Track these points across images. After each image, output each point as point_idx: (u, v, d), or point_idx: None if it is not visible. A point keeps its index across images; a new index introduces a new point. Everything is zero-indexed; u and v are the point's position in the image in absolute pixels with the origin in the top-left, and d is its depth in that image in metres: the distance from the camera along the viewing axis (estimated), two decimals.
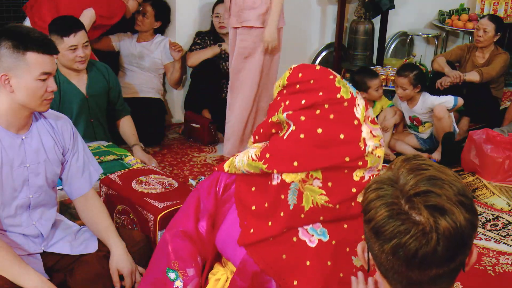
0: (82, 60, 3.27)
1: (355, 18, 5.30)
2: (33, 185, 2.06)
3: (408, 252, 1.08)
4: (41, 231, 2.13)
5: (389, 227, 1.09)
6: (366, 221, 1.15)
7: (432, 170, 1.13)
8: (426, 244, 1.07)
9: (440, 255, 1.09)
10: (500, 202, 3.60)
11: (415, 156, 1.19)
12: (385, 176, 1.17)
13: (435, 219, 1.07)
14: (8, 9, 4.02)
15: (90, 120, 3.43)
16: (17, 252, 2.02)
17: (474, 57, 4.90)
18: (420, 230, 1.07)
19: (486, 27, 4.72)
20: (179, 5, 4.48)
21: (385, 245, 1.11)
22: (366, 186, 1.20)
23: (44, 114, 2.12)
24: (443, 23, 5.97)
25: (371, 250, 1.17)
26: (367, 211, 1.14)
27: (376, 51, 5.57)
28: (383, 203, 1.12)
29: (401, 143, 4.33)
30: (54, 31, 3.23)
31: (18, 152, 2.00)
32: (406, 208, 1.09)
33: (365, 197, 1.17)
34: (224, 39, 4.42)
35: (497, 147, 3.78)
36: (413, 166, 1.14)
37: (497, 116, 4.65)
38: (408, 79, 4.12)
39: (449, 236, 1.07)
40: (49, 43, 1.97)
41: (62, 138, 2.14)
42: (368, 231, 1.15)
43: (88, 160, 2.25)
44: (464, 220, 1.08)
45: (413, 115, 4.29)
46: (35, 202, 2.08)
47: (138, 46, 4.37)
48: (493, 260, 2.97)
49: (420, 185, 1.10)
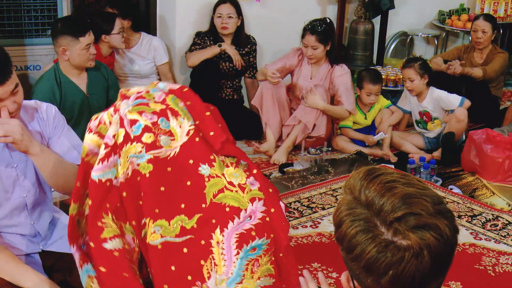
0: (94, 57, 3.38)
1: (355, 18, 5.31)
2: (25, 184, 2.04)
3: (407, 279, 1.09)
4: (39, 230, 2.12)
5: (381, 261, 1.09)
6: (353, 259, 1.13)
7: (400, 186, 1.12)
8: (421, 264, 1.08)
9: (435, 270, 1.10)
10: (500, 202, 3.60)
11: (370, 170, 1.17)
12: (352, 201, 1.15)
13: (422, 238, 1.07)
14: (9, 9, 4.02)
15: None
16: (14, 252, 2.00)
17: (472, 58, 4.90)
18: (412, 254, 1.07)
19: (485, 28, 4.74)
20: (179, 5, 4.48)
21: (381, 279, 1.10)
22: (334, 215, 1.18)
23: (31, 108, 2.06)
24: (443, 23, 5.98)
25: (361, 283, 1.16)
26: (352, 248, 1.12)
27: (376, 51, 5.57)
28: (367, 238, 1.10)
29: (406, 143, 4.33)
30: (67, 33, 3.24)
31: (2, 153, 1.99)
32: (390, 236, 1.09)
33: (343, 231, 1.14)
34: (224, 39, 4.42)
35: (497, 147, 3.78)
36: (381, 186, 1.12)
37: (497, 116, 4.65)
38: (414, 69, 4.18)
39: (439, 249, 1.08)
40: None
41: (47, 125, 2.09)
42: (357, 268, 1.13)
43: (74, 142, 2.16)
44: (448, 230, 1.10)
45: (423, 110, 4.29)
46: (31, 201, 2.07)
47: (128, 54, 4.32)
48: (493, 260, 2.97)
49: (397, 209, 1.09)
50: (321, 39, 4.14)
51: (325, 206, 3.48)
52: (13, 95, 1.88)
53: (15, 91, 1.89)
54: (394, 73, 5.12)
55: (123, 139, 1.74)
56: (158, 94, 1.82)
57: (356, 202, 1.14)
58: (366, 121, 4.39)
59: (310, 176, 3.90)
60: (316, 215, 3.37)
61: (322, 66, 4.26)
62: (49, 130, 2.10)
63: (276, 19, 4.84)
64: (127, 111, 1.77)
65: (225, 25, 4.35)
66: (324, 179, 3.87)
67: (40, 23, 4.12)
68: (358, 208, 1.13)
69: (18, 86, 1.90)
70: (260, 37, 4.68)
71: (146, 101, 1.80)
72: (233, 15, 4.37)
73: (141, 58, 4.33)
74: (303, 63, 4.32)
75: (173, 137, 1.76)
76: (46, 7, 4.11)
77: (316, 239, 3.12)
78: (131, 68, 4.32)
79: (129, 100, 1.81)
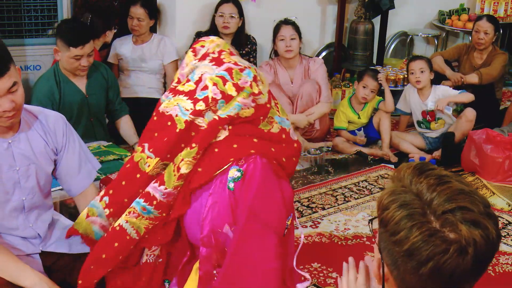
0: (85, 68, 3.30)
1: (355, 18, 5.31)
2: (25, 187, 2.04)
3: (447, 272, 1.07)
4: (38, 232, 2.12)
5: (424, 249, 1.07)
6: (396, 242, 1.11)
7: (454, 181, 1.12)
8: (463, 261, 1.07)
9: (474, 270, 1.09)
10: (500, 202, 3.60)
11: (423, 164, 1.16)
12: (401, 188, 1.14)
13: (471, 233, 1.07)
14: (9, 9, 4.02)
15: (90, 119, 3.44)
16: (15, 253, 2.01)
17: (472, 58, 4.89)
18: (457, 248, 1.06)
19: (487, 29, 4.72)
20: (179, 5, 4.48)
21: (422, 268, 1.09)
22: (381, 198, 1.16)
23: (35, 114, 2.08)
24: (443, 23, 5.98)
25: (398, 270, 1.14)
26: (397, 232, 1.11)
27: (376, 51, 5.57)
28: (414, 224, 1.09)
29: (405, 143, 4.32)
30: (62, 38, 3.23)
31: (5, 156, 1.98)
32: (438, 226, 1.07)
33: (389, 214, 1.12)
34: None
35: (497, 147, 3.78)
36: (434, 180, 1.12)
37: (497, 116, 4.65)
38: (425, 61, 4.24)
39: (483, 250, 1.08)
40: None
41: (54, 137, 2.10)
42: (398, 251, 1.11)
43: (86, 156, 2.21)
44: (495, 233, 1.10)
45: (427, 109, 4.28)
46: (29, 204, 2.07)
47: (137, 49, 4.36)
48: (493, 260, 2.97)
49: (451, 201, 1.08)
50: (296, 29, 4.24)
51: (325, 206, 3.48)
52: (10, 94, 1.83)
53: (13, 89, 1.83)
54: (394, 73, 5.12)
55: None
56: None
57: (406, 190, 1.13)
58: (360, 120, 4.39)
59: (310, 176, 3.90)
60: (316, 215, 3.37)
61: (297, 67, 4.30)
62: (57, 142, 2.12)
63: (276, 19, 4.84)
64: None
65: (226, 24, 4.36)
66: (324, 179, 3.87)
67: (40, 23, 4.12)
68: (408, 194, 1.12)
69: (17, 85, 1.85)
70: (260, 37, 4.68)
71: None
72: (235, 15, 4.38)
73: (150, 55, 4.35)
74: (278, 72, 4.34)
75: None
76: (46, 7, 4.11)
77: (316, 239, 3.12)
78: (139, 64, 4.35)
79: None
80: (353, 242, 3.11)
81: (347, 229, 3.23)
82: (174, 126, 1.69)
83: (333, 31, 5.39)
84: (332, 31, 5.42)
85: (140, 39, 4.37)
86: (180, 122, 1.69)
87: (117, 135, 3.65)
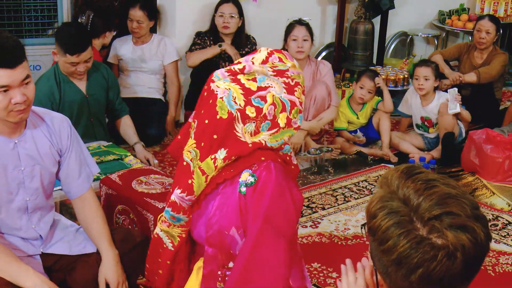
0: (81, 73, 3.29)
1: (355, 18, 5.31)
2: (29, 187, 2.05)
3: (437, 278, 1.08)
4: (40, 234, 2.13)
5: (413, 257, 1.08)
6: (385, 251, 1.12)
7: (440, 185, 1.11)
8: (452, 265, 1.07)
9: (464, 273, 1.09)
10: (500, 202, 3.60)
11: (409, 168, 1.16)
12: (388, 195, 1.14)
13: (459, 239, 1.07)
14: (9, 9, 4.02)
15: (90, 119, 3.44)
16: (16, 253, 2.01)
17: (472, 58, 4.89)
18: (446, 253, 1.06)
19: (489, 29, 4.72)
20: (179, 5, 4.48)
21: (412, 276, 1.09)
22: (369, 206, 1.16)
23: (41, 115, 2.10)
24: (443, 23, 5.98)
25: (389, 277, 1.15)
26: (385, 240, 1.11)
27: (376, 51, 5.57)
28: (401, 232, 1.09)
29: (405, 143, 4.32)
30: (59, 43, 3.22)
31: (11, 156, 1.99)
32: (425, 233, 1.08)
33: (377, 222, 1.13)
34: (225, 39, 4.42)
35: (497, 147, 3.78)
36: (420, 184, 1.12)
37: (497, 116, 4.65)
38: (432, 68, 4.21)
39: (472, 253, 1.08)
40: (6, 55, 1.84)
41: (59, 138, 2.11)
42: (387, 260, 1.12)
43: (86, 161, 2.23)
44: (483, 235, 1.09)
45: (425, 116, 4.28)
46: (32, 205, 2.07)
47: (137, 50, 4.36)
48: (493, 260, 2.97)
49: (436, 207, 1.08)
50: (309, 30, 4.19)
51: (325, 206, 3.48)
52: (23, 86, 1.88)
53: (26, 81, 1.89)
54: (394, 73, 5.12)
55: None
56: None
57: (393, 196, 1.13)
58: (359, 120, 4.39)
59: (310, 176, 3.90)
60: (316, 215, 3.37)
61: (305, 69, 4.22)
62: (62, 144, 2.13)
63: (276, 19, 4.83)
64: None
65: (226, 24, 4.35)
66: (324, 179, 3.87)
67: (40, 23, 4.13)
68: (395, 201, 1.12)
69: (29, 78, 1.90)
70: (260, 37, 4.68)
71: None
72: (235, 15, 4.37)
73: (150, 55, 4.36)
74: None
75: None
76: (46, 7, 4.11)
77: (316, 239, 3.12)
78: (139, 64, 4.35)
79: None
80: (353, 242, 3.11)
81: (347, 229, 3.23)
82: (214, 108, 1.70)
83: (333, 31, 5.39)
84: (332, 31, 5.42)
85: (140, 39, 4.38)
86: (223, 109, 1.70)
87: (117, 135, 3.65)
